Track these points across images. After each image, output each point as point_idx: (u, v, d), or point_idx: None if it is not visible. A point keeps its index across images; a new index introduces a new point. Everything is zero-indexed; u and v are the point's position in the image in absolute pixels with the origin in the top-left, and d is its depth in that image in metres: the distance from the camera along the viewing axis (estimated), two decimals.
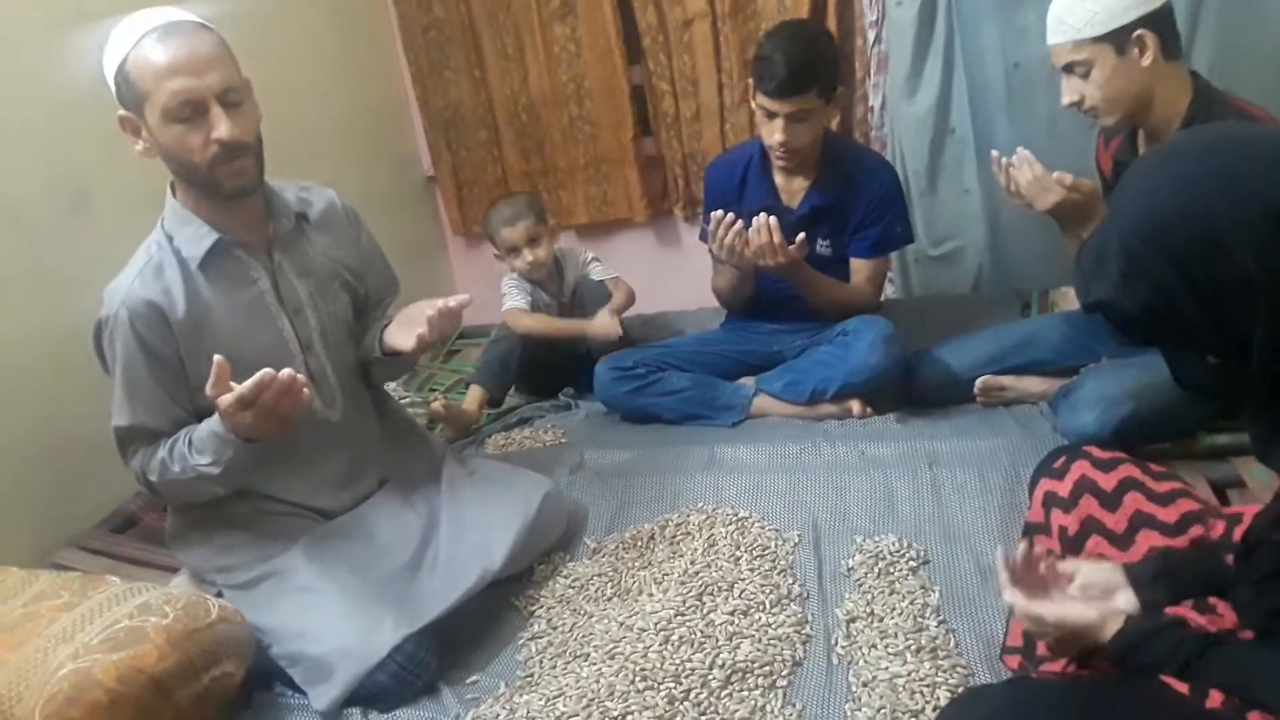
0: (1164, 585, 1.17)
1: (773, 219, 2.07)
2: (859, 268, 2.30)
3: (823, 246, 2.28)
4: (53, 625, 1.41)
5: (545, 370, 2.64)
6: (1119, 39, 1.68)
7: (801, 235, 2.09)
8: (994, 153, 1.86)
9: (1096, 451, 1.45)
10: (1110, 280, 0.95)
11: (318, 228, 1.77)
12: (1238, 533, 1.20)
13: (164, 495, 1.69)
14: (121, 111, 1.55)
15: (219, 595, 1.64)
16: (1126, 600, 1.17)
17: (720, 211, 2.11)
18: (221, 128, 1.50)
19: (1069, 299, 2.35)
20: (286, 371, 1.46)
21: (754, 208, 2.22)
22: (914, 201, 2.68)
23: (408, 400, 2.65)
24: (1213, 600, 1.16)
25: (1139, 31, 1.67)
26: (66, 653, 1.36)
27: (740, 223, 2.09)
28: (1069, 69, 1.76)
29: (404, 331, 1.69)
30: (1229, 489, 1.70)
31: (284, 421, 1.51)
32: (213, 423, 1.54)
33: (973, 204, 2.67)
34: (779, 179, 2.30)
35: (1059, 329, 2.12)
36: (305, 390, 1.50)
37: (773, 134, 2.13)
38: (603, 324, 2.48)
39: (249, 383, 1.43)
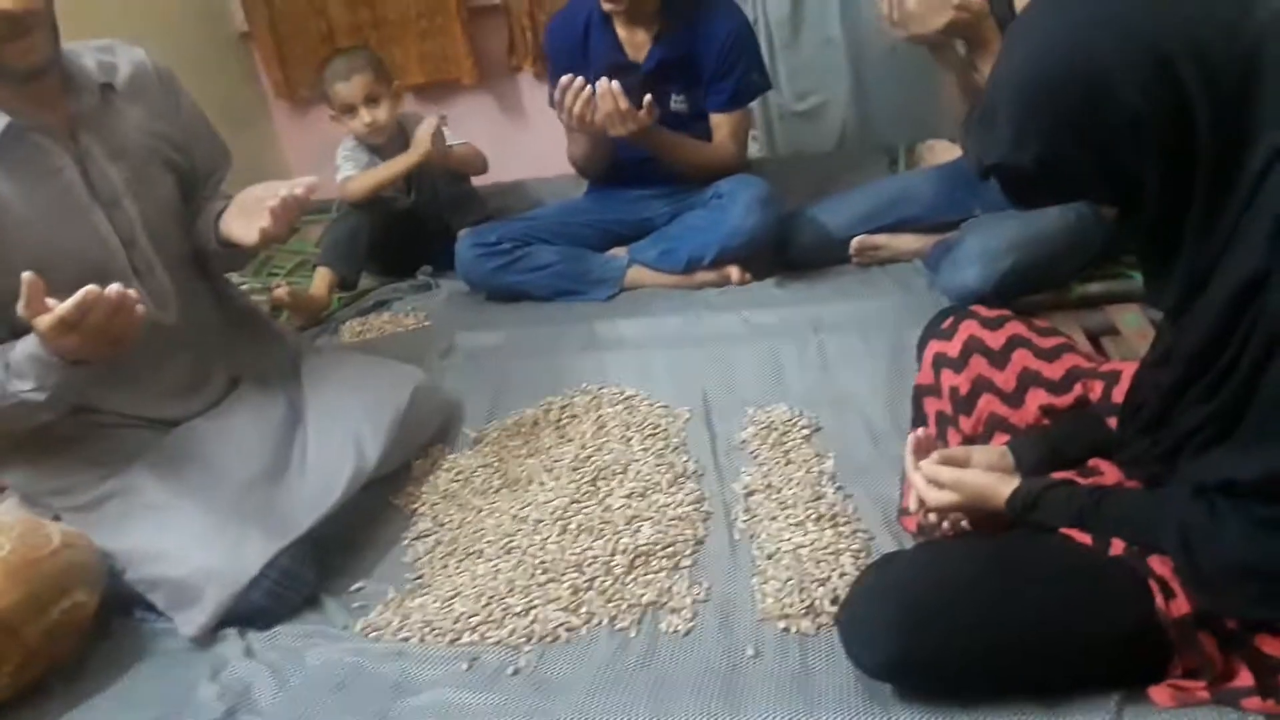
0: (1048, 465, 1.20)
1: (615, 84, 1.93)
2: (719, 123, 2.20)
3: (677, 102, 2.16)
4: None
5: (398, 247, 2.46)
6: None
7: (649, 98, 1.96)
8: None
9: (983, 311, 1.46)
10: (1003, 142, 0.93)
11: (128, 98, 1.52)
12: (1116, 393, 1.23)
13: None
14: None
15: (56, 519, 1.47)
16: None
17: (568, 77, 1.96)
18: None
19: (936, 153, 2.35)
20: (114, 287, 1.25)
21: (600, 65, 2.08)
22: (776, 54, 2.60)
23: (246, 288, 2.42)
24: (1093, 462, 1.20)
25: None
26: None
27: (589, 88, 1.95)
28: None
29: (243, 223, 1.49)
30: (1103, 336, 1.76)
31: (116, 343, 1.31)
32: (30, 344, 1.32)
33: (836, 55, 2.61)
34: (622, 32, 2.15)
35: (930, 184, 2.11)
36: (139, 306, 1.29)
37: None
38: (422, 137, 2.31)
39: (69, 303, 1.22)
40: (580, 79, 1.95)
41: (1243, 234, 0.86)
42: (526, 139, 3.01)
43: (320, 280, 2.35)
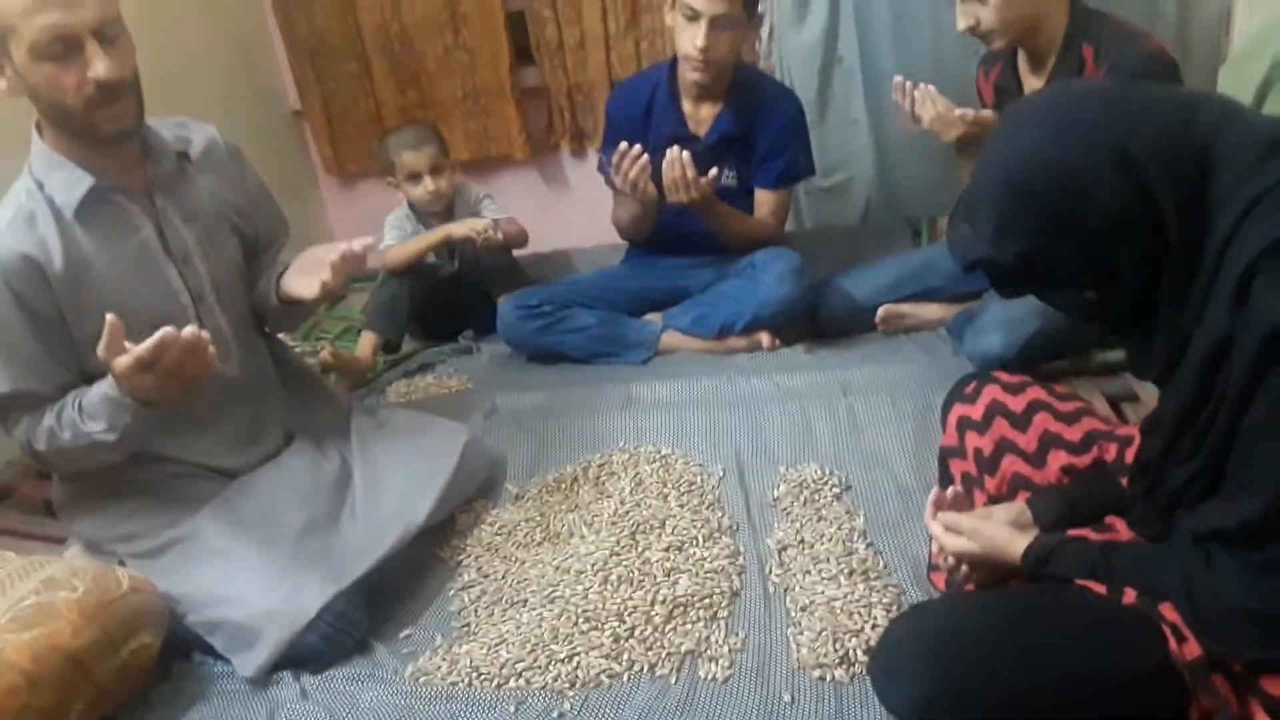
0: (1066, 521, 1.26)
1: (685, 154, 2.05)
2: (764, 199, 2.31)
3: (728, 177, 2.27)
4: None
5: (441, 311, 2.56)
6: None
7: (714, 171, 2.07)
8: (897, 78, 1.90)
9: (1004, 376, 1.53)
10: (984, 238, 1.02)
11: (200, 168, 1.64)
12: (1129, 454, 1.30)
13: (53, 464, 1.57)
14: None
15: (120, 564, 1.54)
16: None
17: (625, 144, 2.07)
18: (99, 66, 1.36)
19: None
20: (190, 330, 1.34)
21: (662, 136, 2.19)
22: None
23: (296, 350, 2.52)
24: (1109, 519, 1.26)
25: None
26: None
27: (645, 156, 2.06)
28: None
29: (304, 279, 1.59)
30: (1124, 402, 1.81)
31: (189, 384, 1.40)
32: (105, 386, 1.42)
33: (860, 134, 2.71)
34: (687, 106, 2.27)
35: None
36: (210, 348, 1.39)
37: (695, 38, 2.07)
38: (468, 222, 2.42)
39: (148, 344, 1.31)
40: (639, 147, 2.06)
41: (1211, 304, 0.94)
42: (565, 211, 3.13)
43: (365, 343, 2.45)
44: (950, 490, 1.33)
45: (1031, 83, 1.95)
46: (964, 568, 1.26)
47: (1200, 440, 1.00)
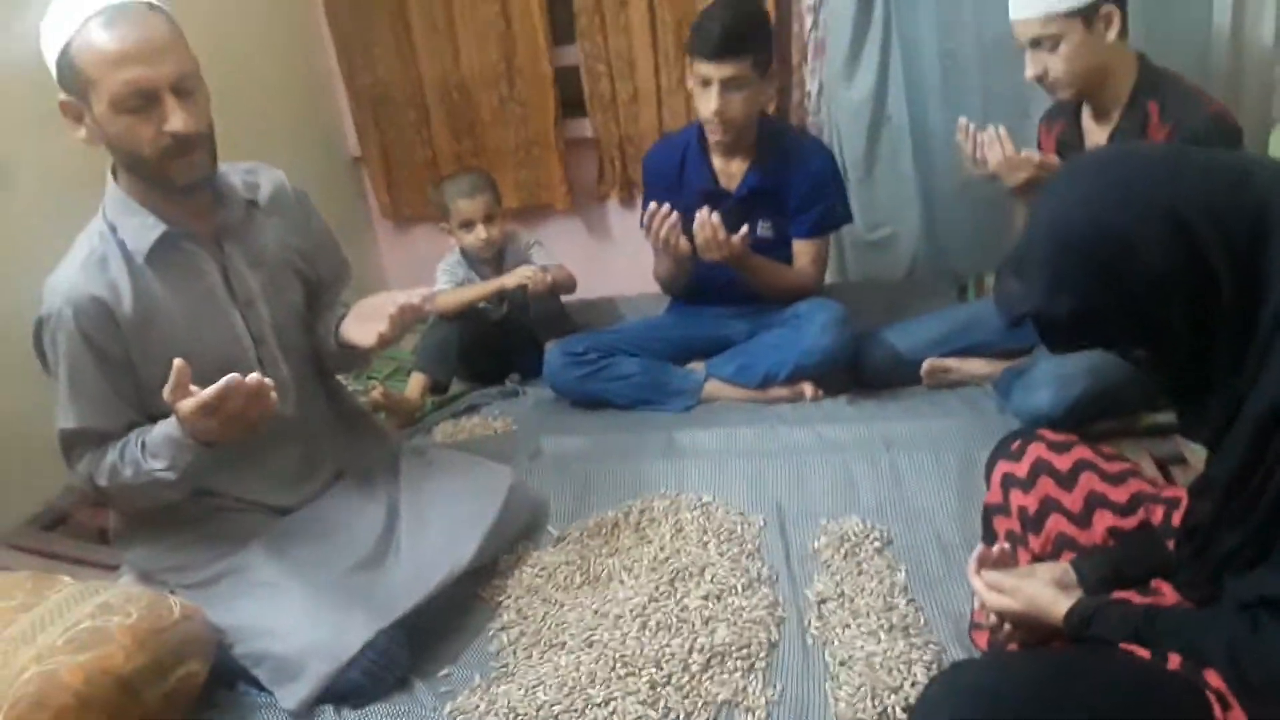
0: (1110, 584, 1.25)
1: (715, 216, 2.09)
2: (802, 250, 2.34)
3: (764, 228, 2.30)
4: (10, 627, 1.34)
5: (488, 355, 2.61)
6: (1089, 13, 1.77)
7: (745, 229, 2.11)
8: (962, 119, 1.92)
9: (1050, 434, 1.51)
10: (1036, 293, 1.03)
11: (267, 213, 1.70)
12: (1176, 516, 1.29)
13: (113, 500, 1.62)
14: (63, 97, 1.46)
15: (171, 594, 1.57)
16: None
17: (654, 204, 2.12)
18: (175, 120, 1.43)
19: None
20: (254, 376, 1.39)
21: (693, 191, 2.23)
22: (851, 188, 2.72)
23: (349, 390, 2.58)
24: (1155, 583, 1.24)
25: (1106, 7, 1.76)
26: (29, 655, 1.29)
27: (675, 215, 2.11)
28: (1036, 43, 1.82)
29: (363, 327, 1.64)
30: (1172, 465, 1.79)
31: (250, 427, 1.45)
32: (168, 427, 1.47)
33: (908, 190, 2.73)
34: (717, 162, 2.31)
35: None
36: (273, 394, 1.43)
37: (708, 103, 2.14)
38: (520, 271, 2.47)
39: (214, 389, 1.36)
40: (667, 206, 2.11)
41: (1266, 368, 0.94)
42: (612, 259, 3.18)
43: (414, 384, 2.50)
44: (996, 548, 1.32)
45: (1095, 136, 1.95)
46: (1007, 626, 1.25)
47: (1250, 506, 0.99)
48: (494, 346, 2.60)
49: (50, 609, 1.38)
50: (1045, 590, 1.21)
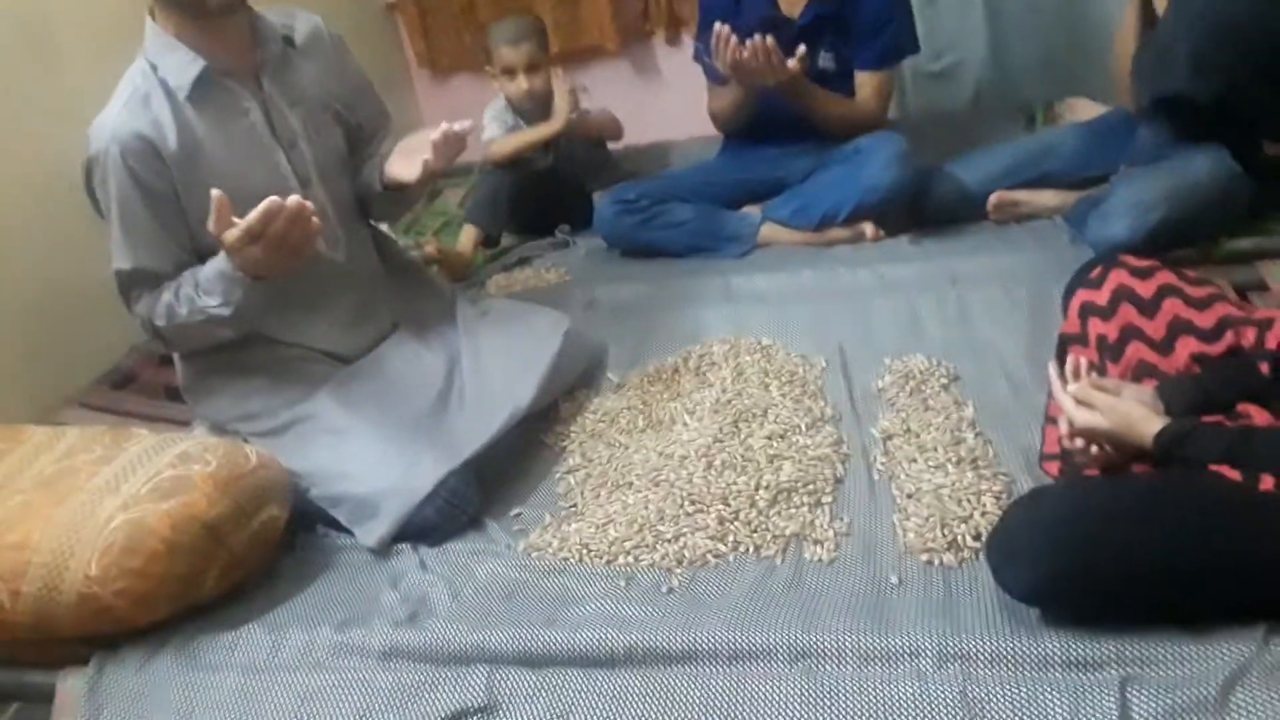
0: (1198, 409, 1.21)
1: (769, 38, 1.98)
2: (865, 81, 2.22)
3: (825, 59, 2.19)
4: (93, 479, 1.38)
5: (537, 205, 2.55)
6: None
7: (802, 49, 2.00)
8: None
9: (1132, 260, 1.46)
10: (1179, 78, 1.01)
11: (304, 54, 1.66)
12: (1270, 338, 1.23)
13: (172, 341, 1.64)
14: None
15: (245, 442, 1.61)
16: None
17: (719, 25, 2.01)
18: None
19: (1077, 111, 2.32)
20: (294, 198, 1.39)
21: (753, 18, 2.12)
22: (914, 14, 2.58)
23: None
24: (1243, 407, 1.20)
25: None
26: (115, 504, 1.34)
27: (735, 38, 2.00)
28: None
29: (406, 161, 1.61)
30: (1251, 292, 1.72)
31: (295, 253, 1.45)
32: (219, 262, 1.48)
33: (974, 14, 2.58)
34: None
35: (1075, 140, 2.09)
36: (314, 219, 1.42)
37: None
38: (560, 105, 2.40)
39: (255, 213, 1.36)
40: (728, 28, 2.00)
41: None
42: (660, 103, 3.06)
43: (466, 237, 2.47)
44: (1084, 360, 1.28)
45: None
46: (1091, 448, 1.23)
47: None
48: (542, 197, 2.54)
49: (130, 459, 1.42)
50: (1137, 408, 1.17)
